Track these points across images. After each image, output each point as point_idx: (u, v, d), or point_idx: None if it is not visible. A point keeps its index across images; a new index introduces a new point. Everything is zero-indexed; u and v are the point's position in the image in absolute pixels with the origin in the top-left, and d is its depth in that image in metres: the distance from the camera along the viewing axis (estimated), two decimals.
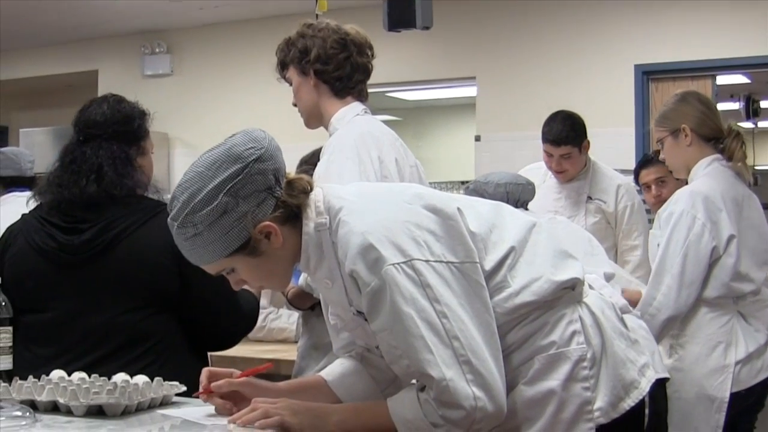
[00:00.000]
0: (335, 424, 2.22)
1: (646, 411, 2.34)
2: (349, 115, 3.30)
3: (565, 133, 4.99)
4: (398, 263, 2.10)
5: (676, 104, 3.98)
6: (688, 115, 3.91)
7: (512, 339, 2.23)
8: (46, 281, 2.90)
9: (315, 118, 3.38)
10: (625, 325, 2.37)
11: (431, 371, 2.08)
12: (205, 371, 2.44)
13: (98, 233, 2.89)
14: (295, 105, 3.41)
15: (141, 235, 2.89)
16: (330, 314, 2.44)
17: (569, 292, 2.28)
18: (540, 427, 2.21)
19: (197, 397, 2.45)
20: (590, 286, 2.37)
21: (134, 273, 2.88)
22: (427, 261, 2.13)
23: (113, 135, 3.01)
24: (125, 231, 2.89)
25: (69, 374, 2.61)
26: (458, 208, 2.24)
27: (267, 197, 2.18)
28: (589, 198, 5.16)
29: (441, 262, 2.14)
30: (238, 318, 3.07)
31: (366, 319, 2.21)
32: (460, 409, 2.08)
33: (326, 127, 3.36)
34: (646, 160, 5.34)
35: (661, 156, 4.08)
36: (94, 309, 2.87)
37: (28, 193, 3.16)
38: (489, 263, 2.22)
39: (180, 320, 2.95)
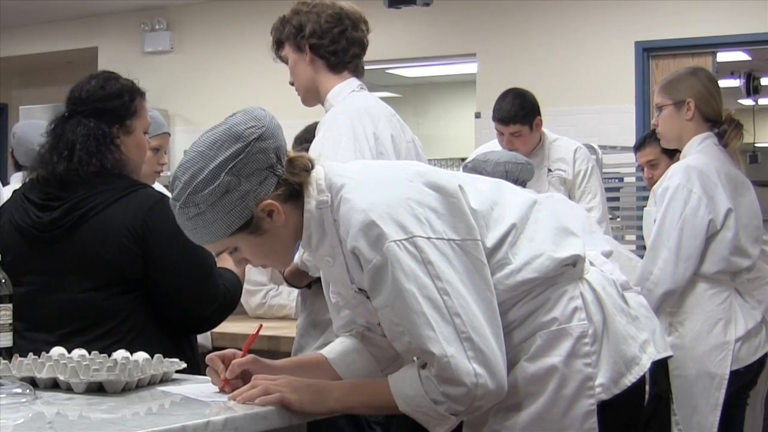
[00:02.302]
0: (335, 401, 2.23)
1: (647, 388, 2.35)
2: (345, 91, 3.30)
3: (514, 112, 4.95)
4: (400, 240, 2.10)
5: (687, 76, 3.95)
6: (695, 90, 3.89)
7: (514, 316, 2.24)
8: (21, 257, 2.91)
9: (312, 95, 3.38)
10: (626, 302, 2.38)
11: (432, 348, 2.08)
12: (212, 361, 2.39)
13: (66, 212, 2.90)
14: (292, 84, 3.41)
15: (107, 215, 2.88)
16: (331, 292, 2.44)
17: (570, 268, 2.28)
18: (541, 403, 2.21)
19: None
20: (591, 263, 2.38)
21: (98, 252, 2.87)
22: (428, 238, 2.13)
23: (93, 112, 2.99)
24: (92, 210, 2.89)
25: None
26: (459, 186, 2.24)
27: (269, 176, 2.18)
28: (549, 170, 5.14)
29: (442, 239, 2.15)
30: (210, 300, 2.98)
31: (368, 297, 2.21)
32: (461, 386, 2.09)
33: (323, 104, 3.35)
34: (642, 141, 5.34)
35: (654, 121, 4.07)
36: (60, 287, 2.89)
37: None
38: (490, 240, 2.22)
39: (149, 301, 2.93)
